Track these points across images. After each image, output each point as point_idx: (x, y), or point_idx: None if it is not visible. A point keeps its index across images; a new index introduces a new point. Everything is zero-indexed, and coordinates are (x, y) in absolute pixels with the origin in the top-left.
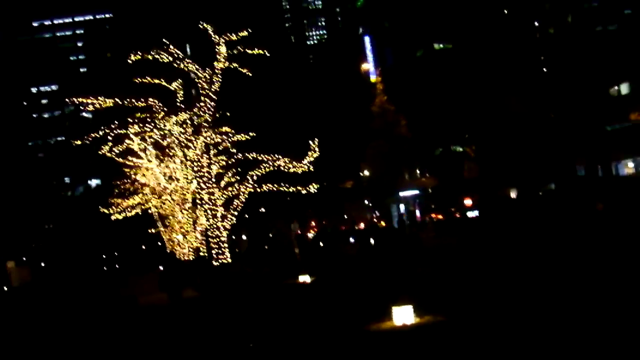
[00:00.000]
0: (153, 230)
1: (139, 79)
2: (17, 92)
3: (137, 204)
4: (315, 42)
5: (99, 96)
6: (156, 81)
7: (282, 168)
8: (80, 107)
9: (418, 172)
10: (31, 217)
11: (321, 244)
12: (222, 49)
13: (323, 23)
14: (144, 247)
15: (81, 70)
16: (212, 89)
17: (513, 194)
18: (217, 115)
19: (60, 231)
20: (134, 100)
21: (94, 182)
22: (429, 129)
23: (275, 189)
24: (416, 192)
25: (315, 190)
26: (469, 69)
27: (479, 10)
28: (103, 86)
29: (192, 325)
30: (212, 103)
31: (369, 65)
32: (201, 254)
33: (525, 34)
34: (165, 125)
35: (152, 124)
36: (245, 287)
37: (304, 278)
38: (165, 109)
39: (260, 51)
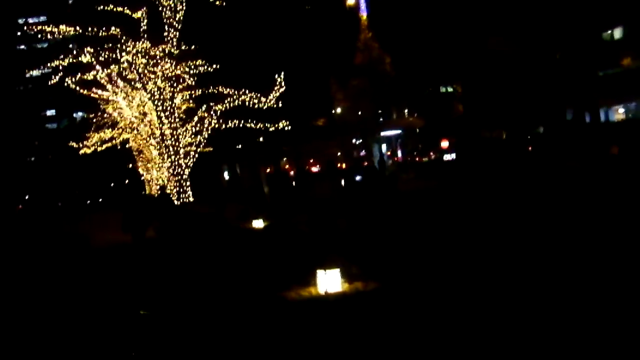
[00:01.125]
0: (131, 166)
1: (101, 6)
2: None
3: (109, 138)
4: None
5: (59, 24)
6: (119, 9)
7: (247, 103)
8: (39, 36)
9: (406, 111)
10: (13, 148)
11: (293, 184)
12: None
13: None
14: (112, 184)
15: None
16: (177, 18)
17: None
18: (182, 46)
19: (40, 164)
20: (96, 29)
21: (79, 115)
22: (416, 67)
23: (241, 125)
24: (399, 131)
25: (286, 127)
26: (458, 5)
27: None
28: (63, 14)
29: (115, 271)
30: (176, 33)
31: (354, 0)
32: (167, 191)
33: None
34: (123, 55)
35: (111, 53)
36: (193, 231)
37: (257, 223)
38: (128, 38)
39: None
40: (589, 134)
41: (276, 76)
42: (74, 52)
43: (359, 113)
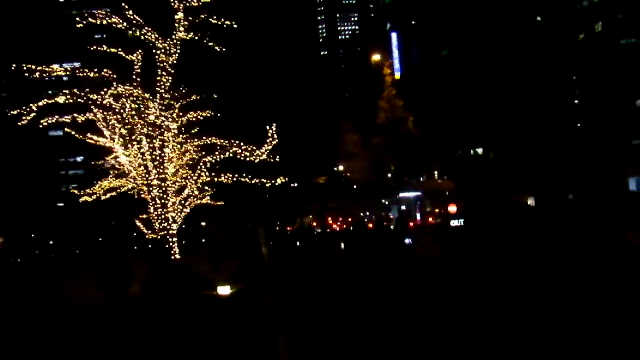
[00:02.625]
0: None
1: (94, 47)
2: None
3: (111, 187)
4: (347, 36)
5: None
6: (112, 50)
7: (239, 156)
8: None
9: (436, 173)
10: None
11: (297, 243)
12: (180, 15)
13: (356, 18)
14: (106, 234)
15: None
16: (170, 62)
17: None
18: (172, 93)
19: (49, 211)
20: (86, 70)
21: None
22: (447, 129)
23: (234, 179)
24: (418, 193)
25: (284, 183)
26: (490, 71)
27: (507, 13)
28: (55, 53)
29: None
30: (168, 78)
31: (379, 57)
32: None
33: (554, 40)
34: (106, 98)
35: (97, 96)
36: (161, 294)
37: (223, 289)
38: (119, 80)
39: (228, 22)
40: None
41: (267, 127)
42: (61, 92)
43: (379, 172)
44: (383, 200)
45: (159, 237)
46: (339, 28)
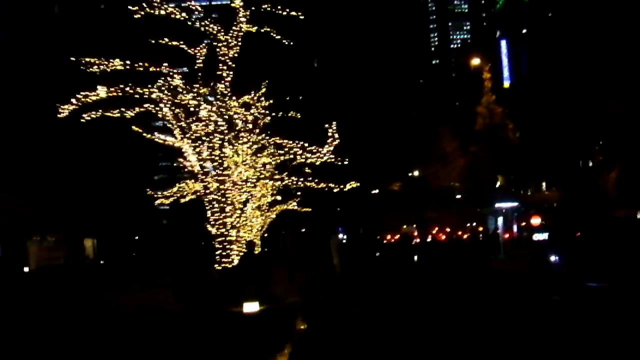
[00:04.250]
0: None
1: (154, 39)
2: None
3: (192, 191)
4: (459, 44)
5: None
6: (174, 43)
7: (299, 157)
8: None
9: (544, 184)
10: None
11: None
12: (238, 3)
13: (468, 27)
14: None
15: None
16: (231, 55)
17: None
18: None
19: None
20: (146, 64)
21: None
22: (556, 138)
23: (297, 183)
24: (515, 204)
25: (355, 188)
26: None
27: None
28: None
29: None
30: (229, 72)
31: (478, 61)
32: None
33: None
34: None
35: (163, 93)
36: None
37: (250, 307)
38: (180, 76)
39: (294, 13)
40: None
41: (326, 126)
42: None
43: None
44: (478, 210)
45: (216, 243)
46: (451, 37)
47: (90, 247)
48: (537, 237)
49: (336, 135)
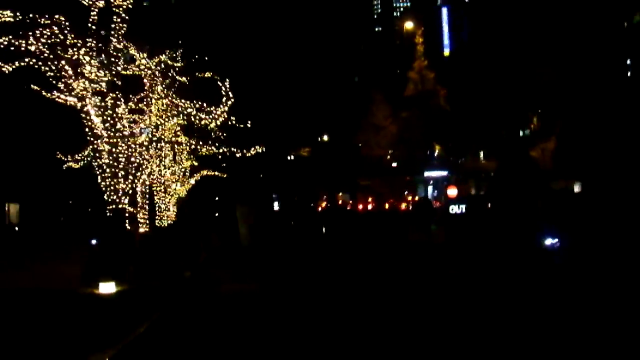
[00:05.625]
0: None
1: None
2: None
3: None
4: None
5: None
6: None
7: (192, 119)
8: None
9: (482, 154)
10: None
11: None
12: None
13: None
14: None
15: None
16: (125, 6)
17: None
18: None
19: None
20: (37, 16)
21: None
22: (494, 106)
23: (196, 147)
24: (445, 173)
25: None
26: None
27: None
28: None
29: None
30: (123, 24)
31: (411, 25)
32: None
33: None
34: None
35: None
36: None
37: (106, 287)
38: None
39: None
40: None
41: (220, 84)
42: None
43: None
44: (408, 179)
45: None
46: (394, 5)
47: (15, 213)
48: (453, 209)
49: (230, 94)
